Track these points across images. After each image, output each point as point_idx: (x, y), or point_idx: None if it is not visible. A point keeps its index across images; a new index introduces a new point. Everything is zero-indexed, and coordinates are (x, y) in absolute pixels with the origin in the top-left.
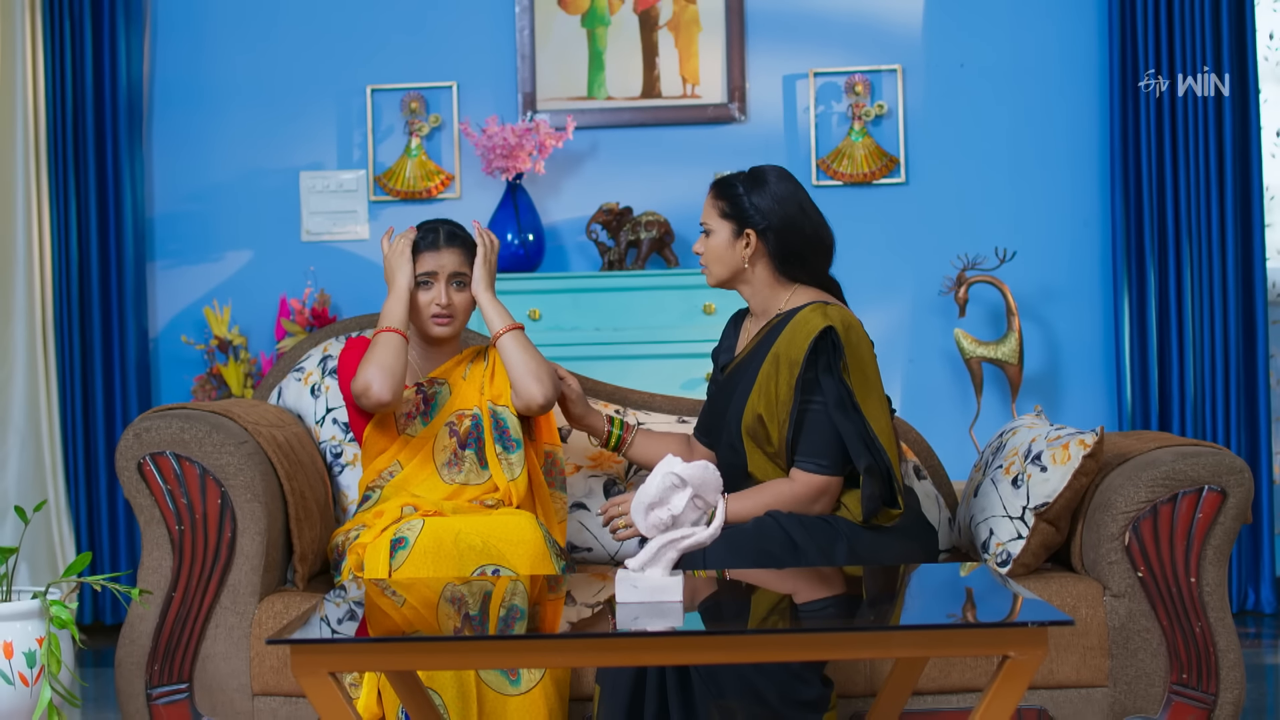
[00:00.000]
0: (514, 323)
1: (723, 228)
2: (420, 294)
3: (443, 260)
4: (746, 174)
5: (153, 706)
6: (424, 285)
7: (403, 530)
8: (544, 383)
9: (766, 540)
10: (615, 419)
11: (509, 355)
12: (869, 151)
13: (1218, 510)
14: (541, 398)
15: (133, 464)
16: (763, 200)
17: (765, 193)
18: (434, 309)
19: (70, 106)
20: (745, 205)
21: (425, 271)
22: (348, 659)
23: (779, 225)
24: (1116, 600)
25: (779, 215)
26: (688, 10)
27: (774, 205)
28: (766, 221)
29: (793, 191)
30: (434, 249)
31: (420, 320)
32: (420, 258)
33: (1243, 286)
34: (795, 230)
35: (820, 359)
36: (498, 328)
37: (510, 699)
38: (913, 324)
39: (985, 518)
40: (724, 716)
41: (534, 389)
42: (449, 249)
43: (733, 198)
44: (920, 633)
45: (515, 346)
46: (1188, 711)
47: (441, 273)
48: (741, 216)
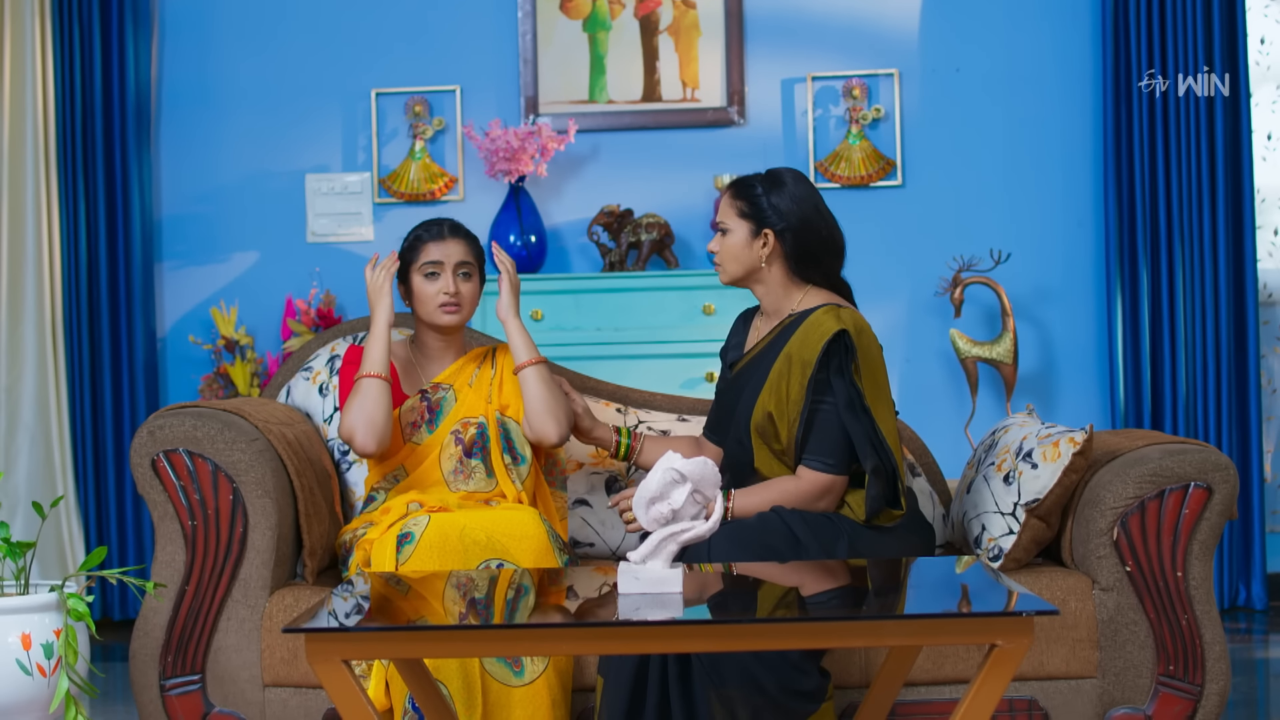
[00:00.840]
0: (539, 356)
1: (740, 227)
2: (427, 285)
3: (448, 250)
4: (764, 175)
5: (166, 697)
6: (431, 276)
7: (409, 526)
8: (561, 423)
9: (769, 535)
10: (622, 429)
11: (530, 389)
12: (866, 154)
13: (1203, 506)
14: (556, 437)
15: (147, 461)
16: (781, 201)
17: (784, 194)
18: (442, 298)
19: (79, 110)
20: (764, 205)
21: (431, 261)
22: (360, 647)
23: (797, 226)
24: (1105, 594)
25: (797, 216)
26: (688, 15)
27: (792, 206)
28: (785, 222)
29: (809, 193)
30: (439, 239)
31: (428, 311)
32: (425, 248)
33: (1234, 288)
34: (811, 231)
35: (833, 361)
36: (523, 359)
37: (514, 690)
38: (909, 324)
39: (978, 513)
40: (724, 706)
41: (550, 428)
42: (454, 239)
43: (751, 198)
44: (911, 622)
45: (538, 381)
46: (1174, 702)
47: (448, 262)
48: (760, 216)
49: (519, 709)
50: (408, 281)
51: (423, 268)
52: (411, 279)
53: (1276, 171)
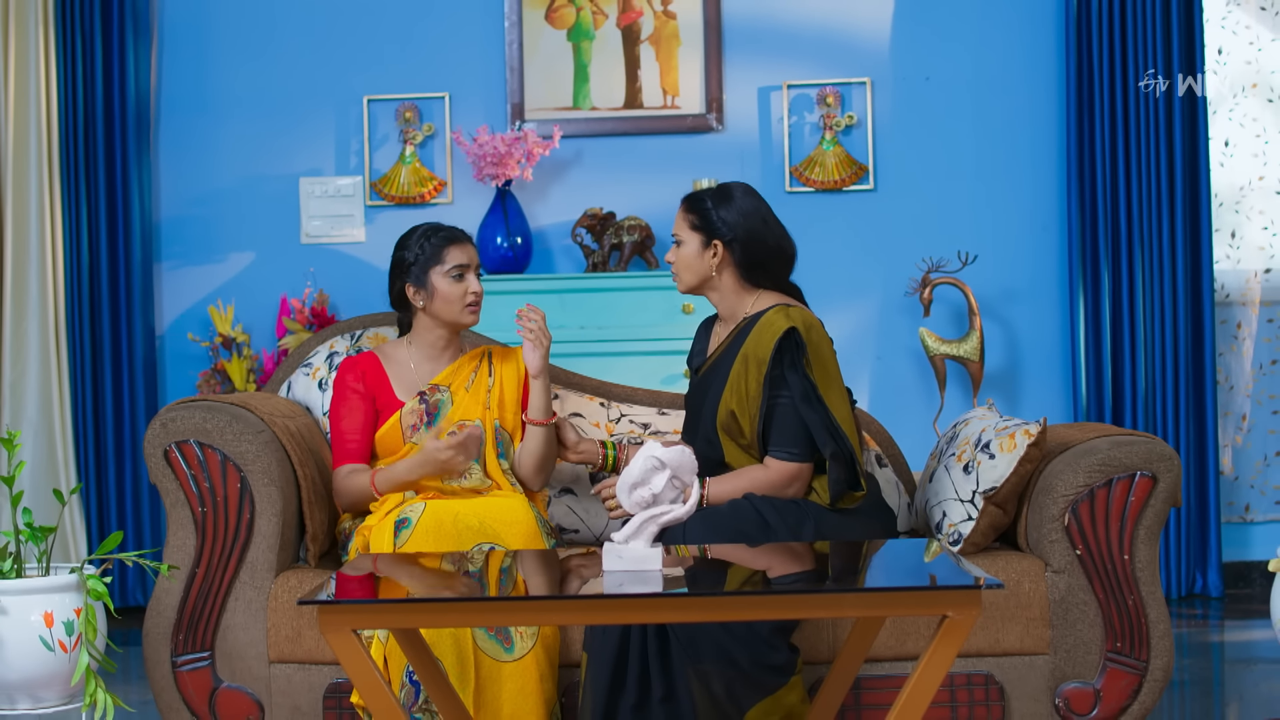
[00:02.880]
0: (549, 418)
1: (692, 239)
2: (454, 286)
3: (470, 253)
4: (715, 189)
5: (178, 673)
6: (457, 278)
7: (406, 511)
8: (546, 477)
9: (741, 520)
10: (608, 443)
11: (529, 444)
12: (839, 160)
13: (1149, 494)
14: (537, 488)
15: (159, 451)
16: (729, 214)
17: (732, 207)
18: (470, 298)
19: (81, 116)
20: (713, 218)
21: (458, 264)
22: (368, 617)
23: (744, 236)
24: (1057, 576)
25: (744, 228)
26: (668, 25)
27: (739, 219)
28: (733, 233)
29: (756, 206)
30: (460, 243)
31: (454, 311)
32: (449, 251)
33: (1192, 288)
34: (758, 241)
35: (785, 357)
36: (536, 417)
37: (504, 665)
38: (880, 323)
39: (939, 501)
40: (701, 680)
41: (535, 481)
42: (469, 243)
43: (701, 211)
44: (870, 594)
45: (539, 440)
46: (1121, 677)
47: (471, 264)
48: (710, 228)
49: (509, 682)
50: (425, 284)
51: (450, 271)
52: (432, 281)
53: (1233, 176)
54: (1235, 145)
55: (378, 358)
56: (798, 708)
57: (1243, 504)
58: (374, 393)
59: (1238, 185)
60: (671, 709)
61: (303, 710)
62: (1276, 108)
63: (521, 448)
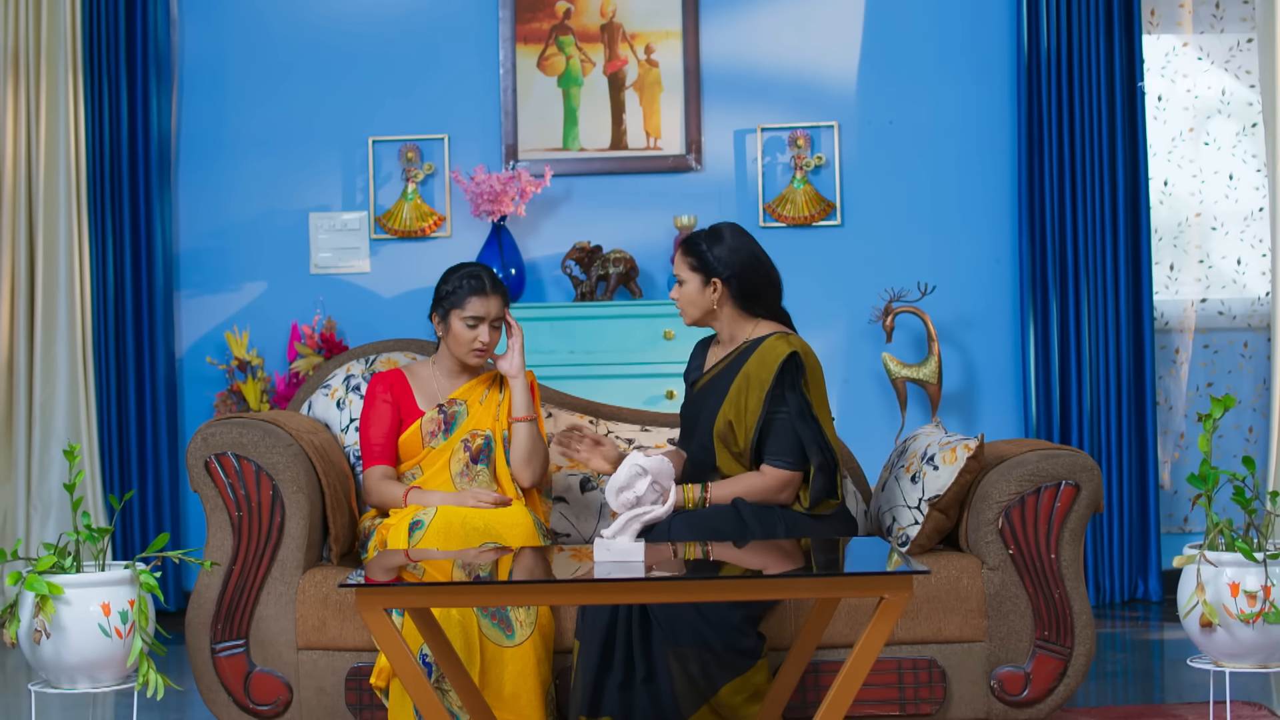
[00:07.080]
0: (532, 414)
1: (693, 278)
2: (465, 331)
3: (490, 306)
4: (707, 232)
5: (216, 659)
6: (471, 326)
7: (419, 515)
8: (535, 471)
9: (719, 520)
10: None
11: (518, 439)
12: (809, 197)
13: (1073, 500)
14: (528, 482)
15: (200, 462)
16: (723, 253)
17: (724, 246)
18: (476, 345)
19: (107, 155)
20: (709, 259)
21: (474, 315)
22: (399, 598)
23: (739, 272)
24: (992, 572)
25: (738, 263)
26: (651, 73)
27: (732, 256)
28: (729, 270)
29: (746, 242)
30: (482, 294)
31: (461, 351)
32: (470, 302)
33: (1133, 317)
34: (751, 274)
35: (786, 378)
36: (519, 414)
37: (506, 650)
38: (847, 348)
39: (890, 507)
40: (679, 661)
41: (524, 474)
42: (494, 295)
43: (698, 253)
44: (820, 579)
45: (525, 435)
46: (1049, 661)
47: (487, 317)
48: (707, 268)
49: (510, 665)
50: (446, 320)
51: (466, 318)
52: (450, 320)
53: (1172, 214)
54: (1174, 185)
55: (404, 374)
56: (764, 687)
57: (1180, 516)
58: (399, 403)
59: (1176, 222)
60: (653, 688)
61: (327, 691)
62: (1211, 150)
63: (512, 446)
